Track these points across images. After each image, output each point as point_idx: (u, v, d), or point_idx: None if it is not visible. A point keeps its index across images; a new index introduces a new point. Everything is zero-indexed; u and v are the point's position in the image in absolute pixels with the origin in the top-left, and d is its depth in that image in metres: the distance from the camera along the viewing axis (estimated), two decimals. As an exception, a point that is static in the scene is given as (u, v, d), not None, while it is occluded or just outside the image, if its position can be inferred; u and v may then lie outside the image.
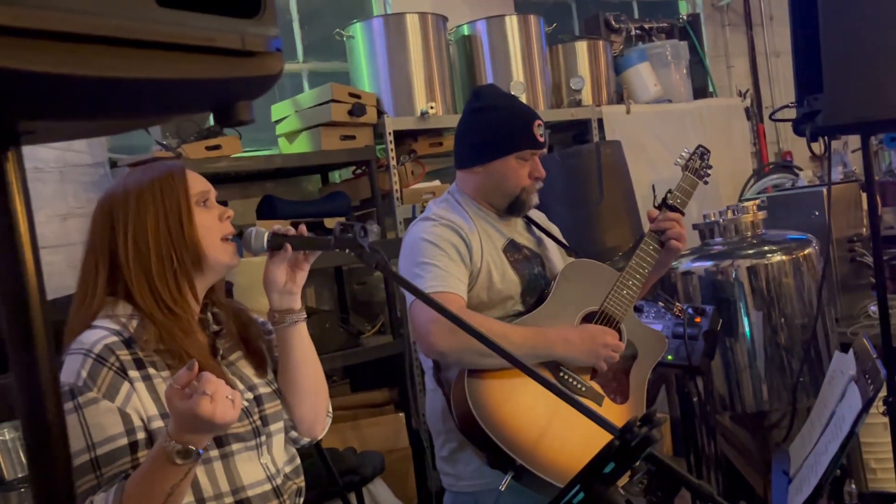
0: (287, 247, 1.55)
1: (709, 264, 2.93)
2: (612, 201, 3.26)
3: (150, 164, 1.56)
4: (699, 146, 2.33)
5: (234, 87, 0.54)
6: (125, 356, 1.41)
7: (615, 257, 3.10)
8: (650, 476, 1.45)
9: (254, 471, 1.49)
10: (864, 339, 2.02)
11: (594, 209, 3.23)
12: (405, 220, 3.63)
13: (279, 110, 3.75)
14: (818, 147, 2.23)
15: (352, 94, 3.55)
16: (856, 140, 4.48)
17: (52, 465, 0.57)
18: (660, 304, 2.44)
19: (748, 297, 2.84)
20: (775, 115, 2.66)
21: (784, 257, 2.85)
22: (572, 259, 2.31)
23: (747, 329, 2.85)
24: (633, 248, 3.15)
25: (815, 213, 3.23)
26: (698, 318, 2.41)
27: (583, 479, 1.11)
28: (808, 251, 2.88)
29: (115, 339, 1.42)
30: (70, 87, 0.46)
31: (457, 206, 2.20)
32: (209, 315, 1.58)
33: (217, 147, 3.23)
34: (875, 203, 2.38)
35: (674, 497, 2.25)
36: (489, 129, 2.16)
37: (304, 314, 1.63)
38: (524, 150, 2.15)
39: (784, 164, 4.31)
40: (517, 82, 3.94)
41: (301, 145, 3.63)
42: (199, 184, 1.55)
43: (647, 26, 4.82)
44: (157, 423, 1.40)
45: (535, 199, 2.21)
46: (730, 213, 2.96)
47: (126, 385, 1.39)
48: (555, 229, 2.38)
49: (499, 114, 2.16)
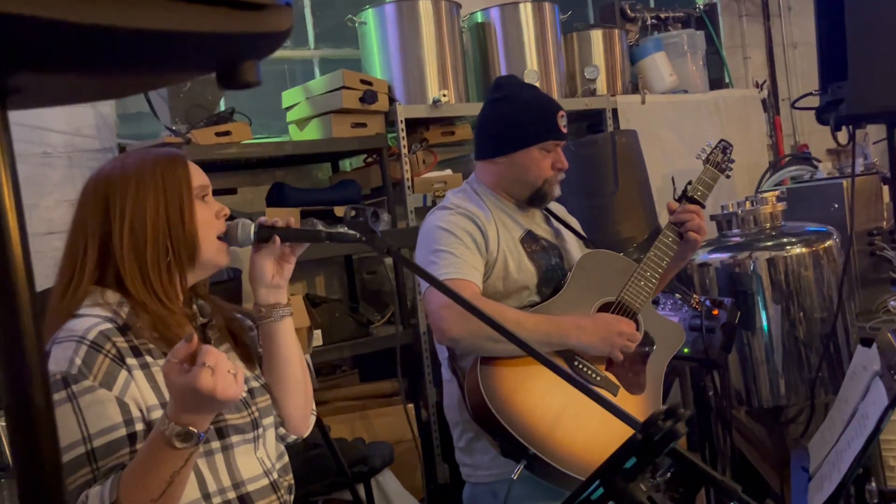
0: (275, 239, 1.49)
1: (726, 256, 2.87)
2: (627, 192, 3.21)
3: (150, 147, 1.50)
4: (721, 140, 2.31)
5: (240, 43, 0.49)
6: (122, 343, 1.34)
7: (629, 249, 3.05)
8: (672, 472, 1.41)
9: (251, 465, 1.45)
10: (889, 334, 1.97)
11: (609, 200, 3.18)
12: (416, 210, 3.59)
13: (290, 97, 3.71)
14: (843, 136, 2.17)
15: (363, 81, 3.51)
16: (876, 131, 4.41)
17: (40, 461, 0.53)
18: (677, 295, 2.39)
19: (766, 290, 2.79)
20: (798, 104, 2.60)
21: (804, 250, 2.79)
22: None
23: (765, 322, 2.79)
24: (647, 239, 3.11)
25: (835, 206, 3.17)
26: (716, 311, 2.36)
27: (603, 475, 1.06)
28: (828, 244, 2.82)
29: (109, 325, 1.35)
30: (61, 35, 0.41)
31: (474, 196, 2.19)
32: (195, 308, 1.52)
33: (227, 133, 3.19)
34: (898, 195, 2.33)
35: (696, 494, 2.21)
36: (512, 119, 2.15)
37: (290, 309, 1.56)
38: (548, 140, 2.13)
39: (802, 156, 4.24)
40: (531, 70, 3.88)
41: (312, 132, 3.59)
42: (199, 176, 1.49)
43: (663, 15, 4.76)
44: (157, 413, 1.33)
45: (558, 191, 2.19)
46: (748, 205, 2.90)
47: (123, 373, 1.32)
48: (574, 222, 2.37)
49: (522, 104, 2.15)
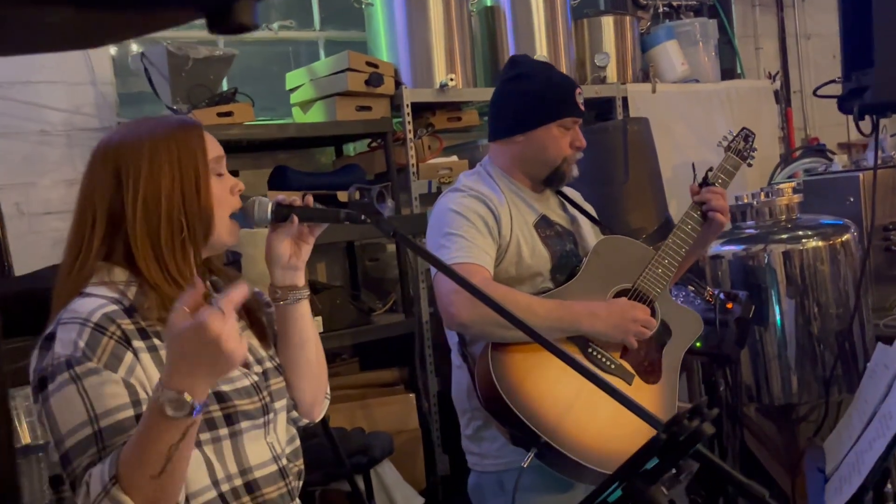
0: (293, 219, 1.43)
1: (739, 248, 2.80)
2: (637, 181, 3.13)
3: (164, 116, 1.42)
4: (744, 128, 2.29)
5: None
6: (128, 325, 1.29)
7: (639, 239, 2.97)
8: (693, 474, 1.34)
9: (260, 451, 1.39)
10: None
11: (619, 189, 3.11)
12: (421, 196, 3.54)
13: (294, 79, 3.65)
14: (866, 126, 2.10)
15: (369, 64, 3.45)
16: (892, 124, 4.32)
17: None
18: (689, 288, 2.32)
19: (781, 284, 2.71)
20: (820, 91, 2.52)
21: (820, 243, 2.71)
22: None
23: (778, 318, 2.72)
24: (658, 230, 3.04)
25: (850, 200, 3.09)
26: (730, 304, 2.30)
27: (622, 476, 0.99)
28: (845, 237, 2.74)
29: (114, 307, 1.29)
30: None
31: (488, 179, 2.14)
32: (208, 283, 1.46)
33: (229, 114, 3.14)
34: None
35: (719, 497, 2.14)
36: (530, 96, 2.10)
37: (308, 291, 1.50)
38: (567, 117, 2.09)
39: (817, 148, 4.15)
40: (540, 56, 3.80)
41: (315, 115, 3.53)
42: (215, 148, 1.41)
43: (675, 3, 4.69)
44: None
45: (575, 171, 2.14)
46: (763, 196, 2.82)
47: (129, 355, 1.27)
48: (590, 208, 2.31)
49: (540, 81, 2.11)
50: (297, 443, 1.52)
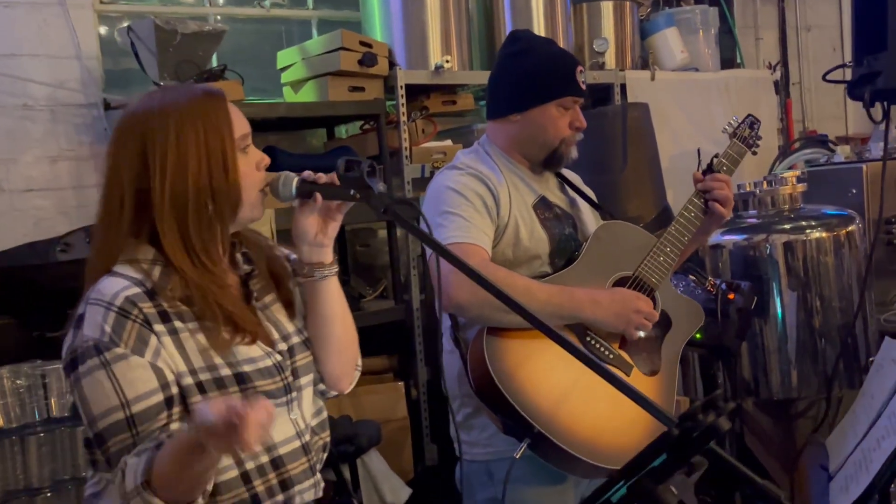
0: (316, 196, 1.42)
1: (741, 238, 2.73)
2: (636, 169, 3.06)
3: (188, 85, 1.41)
4: (749, 115, 2.20)
5: None
6: (149, 309, 1.31)
7: (637, 228, 2.90)
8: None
9: (283, 427, 1.42)
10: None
11: (617, 176, 3.04)
12: (413, 181, 3.47)
13: (285, 57, 3.56)
14: (877, 113, 2.03)
15: (363, 43, 3.37)
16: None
17: None
18: (690, 277, 2.25)
19: (782, 276, 2.64)
20: (829, 76, 2.44)
21: (824, 234, 2.64)
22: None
23: (779, 310, 2.65)
24: (655, 219, 2.97)
25: (853, 192, 3.02)
26: (732, 295, 2.23)
27: (628, 473, 0.92)
28: (850, 228, 2.67)
29: (136, 290, 1.31)
30: None
31: (486, 158, 2.07)
32: (239, 256, 1.47)
33: (217, 91, 3.04)
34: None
35: (732, 498, 2.07)
36: (529, 74, 2.02)
37: (336, 268, 1.50)
38: (566, 97, 2.01)
39: (818, 139, 4.09)
40: (539, 39, 3.72)
41: (307, 95, 3.44)
42: (241, 123, 1.41)
43: (675, -10, 4.60)
44: (188, 380, 1.31)
45: (574, 153, 2.06)
46: (766, 184, 2.75)
47: (153, 339, 1.30)
48: (590, 193, 2.23)
49: (539, 58, 2.02)
50: (323, 415, 1.54)
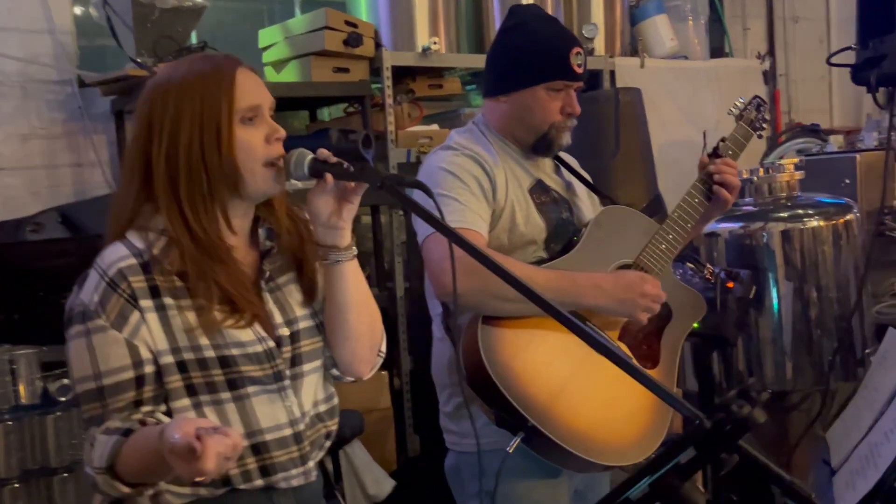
0: (327, 176, 1.36)
1: (737, 226, 2.66)
2: (627, 155, 2.99)
3: (208, 54, 1.40)
4: (756, 96, 2.12)
5: None
6: (139, 283, 1.31)
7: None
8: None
9: (273, 413, 1.39)
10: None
11: (607, 162, 2.96)
12: (399, 165, 3.38)
13: (267, 36, 3.46)
14: (882, 97, 1.97)
15: (348, 23, 3.29)
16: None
17: None
18: (688, 265, 2.18)
19: (779, 266, 2.59)
20: (833, 59, 2.38)
21: (822, 223, 2.58)
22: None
23: (775, 300, 2.59)
24: (647, 207, 2.91)
25: (846, 182, 2.97)
26: (731, 283, 2.16)
27: (652, 469, 0.84)
28: (848, 217, 2.61)
29: (132, 261, 1.31)
30: None
31: (481, 138, 1.96)
32: (261, 231, 1.44)
33: (197, 69, 2.93)
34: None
35: (762, 499, 2.00)
36: (518, 53, 1.92)
37: (353, 252, 1.44)
38: (556, 80, 1.89)
39: (811, 129, 4.04)
40: (527, 23, 3.65)
41: (289, 75, 3.35)
42: (250, 94, 1.35)
43: (665, -23, 4.53)
44: (167, 359, 1.31)
45: (567, 139, 1.95)
46: (762, 171, 2.69)
47: (136, 314, 1.30)
48: (587, 177, 2.14)
49: (531, 36, 1.91)
50: (334, 401, 1.51)
